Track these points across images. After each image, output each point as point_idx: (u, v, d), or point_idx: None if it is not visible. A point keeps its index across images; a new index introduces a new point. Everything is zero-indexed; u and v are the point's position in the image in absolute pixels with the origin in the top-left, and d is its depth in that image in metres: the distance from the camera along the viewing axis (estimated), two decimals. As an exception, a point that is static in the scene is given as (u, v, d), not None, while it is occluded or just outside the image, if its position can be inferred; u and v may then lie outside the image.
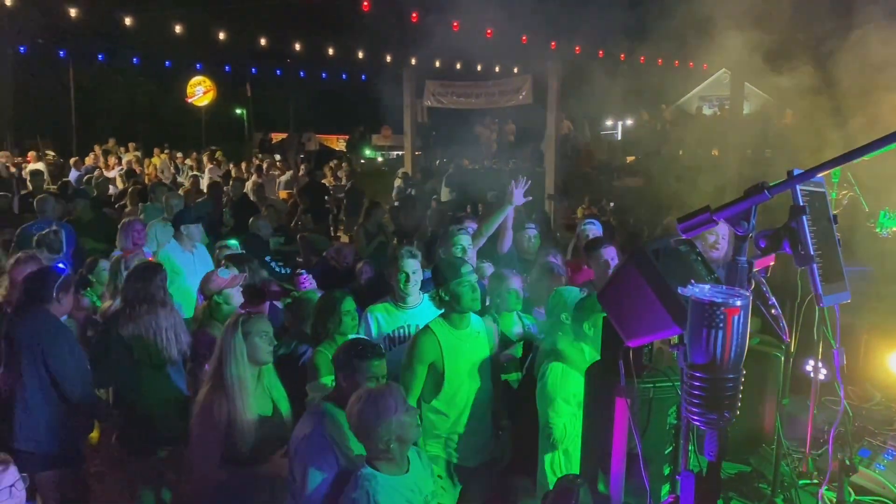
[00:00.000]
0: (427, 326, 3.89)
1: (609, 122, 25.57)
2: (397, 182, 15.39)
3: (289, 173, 17.61)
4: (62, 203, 8.46)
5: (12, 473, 2.76)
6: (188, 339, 4.46)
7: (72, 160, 17.36)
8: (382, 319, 4.31)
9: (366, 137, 29.15)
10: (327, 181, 16.61)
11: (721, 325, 1.80)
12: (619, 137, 23.98)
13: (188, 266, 6.15)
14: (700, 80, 24.31)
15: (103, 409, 4.44)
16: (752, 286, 2.03)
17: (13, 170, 15.60)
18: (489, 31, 11.43)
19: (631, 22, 9.43)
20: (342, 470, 3.01)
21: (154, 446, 4.37)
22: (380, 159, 27.38)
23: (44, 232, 6.18)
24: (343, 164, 19.15)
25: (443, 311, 3.92)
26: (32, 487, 4.02)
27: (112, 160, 17.92)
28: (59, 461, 4.10)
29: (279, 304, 5.15)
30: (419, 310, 4.38)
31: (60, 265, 5.02)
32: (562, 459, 3.68)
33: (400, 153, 26.93)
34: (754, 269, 2.04)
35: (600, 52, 13.24)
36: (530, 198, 5.63)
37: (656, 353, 2.70)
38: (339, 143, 33.79)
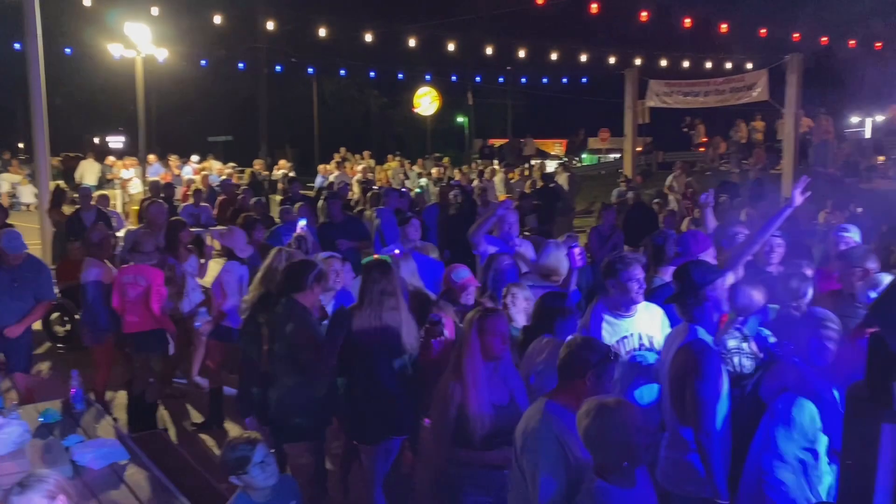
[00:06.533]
0: (703, 339, 3.58)
1: (855, 119, 23.20)
2: (620, 187, 15.09)
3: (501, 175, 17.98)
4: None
5: (261, 450, 2.99)
6: (417, 333, 4.61)
7: (319, 167, 19.10)
8: (606, 327, 4.18)
9: (584, 141, 28.90)
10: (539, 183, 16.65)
11: None
12: (868, 136, 21.59)
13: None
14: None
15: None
16: None
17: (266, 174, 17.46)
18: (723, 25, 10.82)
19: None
20: (570, 473, 2.99)
21: (382, 435, 4.55)
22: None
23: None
24: (559, 168, 19.16)
25: (690, 316, 3.64)
26: (284, 459, 4.49)
27: (348, 167, 19.45)
28: (304, 434, 4.46)
29: None
30: (638, 317, 4.16)
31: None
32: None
33: (617, 156, 26.34)
34: None
35: (851, 42, 11.98)
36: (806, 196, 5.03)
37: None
38: (554, 148, 33.80)
